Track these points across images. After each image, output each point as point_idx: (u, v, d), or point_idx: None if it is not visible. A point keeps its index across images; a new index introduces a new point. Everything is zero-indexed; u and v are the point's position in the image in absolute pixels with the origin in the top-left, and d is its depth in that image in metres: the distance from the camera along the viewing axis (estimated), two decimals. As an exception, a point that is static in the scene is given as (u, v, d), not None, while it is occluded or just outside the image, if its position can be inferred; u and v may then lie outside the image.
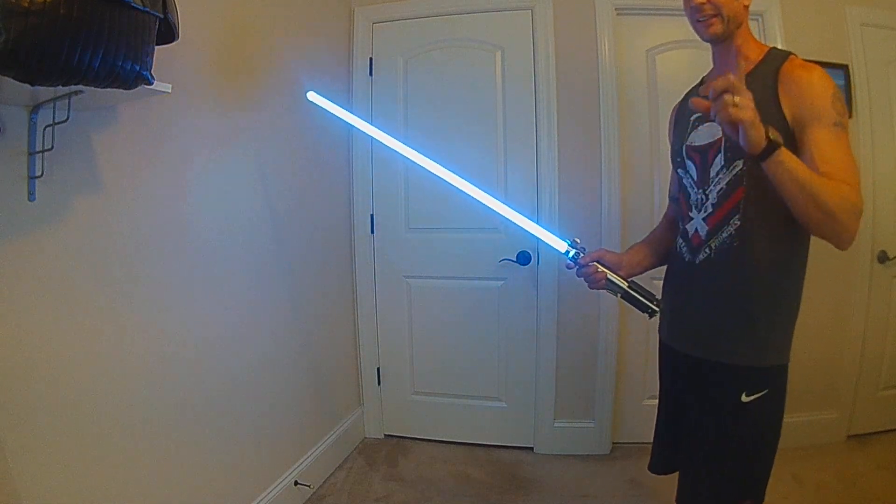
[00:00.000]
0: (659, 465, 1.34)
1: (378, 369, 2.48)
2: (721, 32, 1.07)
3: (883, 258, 2.22)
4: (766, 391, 1.06)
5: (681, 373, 1.22)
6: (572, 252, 1.21)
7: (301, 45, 2.01)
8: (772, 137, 0.87)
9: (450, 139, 2.29)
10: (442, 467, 2.24)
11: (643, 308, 1.18)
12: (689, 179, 1.16)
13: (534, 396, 2.34)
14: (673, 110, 1.32)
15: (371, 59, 2.36)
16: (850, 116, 2.13)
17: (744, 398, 1.05)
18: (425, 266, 2.38)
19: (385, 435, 2.51)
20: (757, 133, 0.86)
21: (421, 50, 2.33)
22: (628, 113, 2.21)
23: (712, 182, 1.09)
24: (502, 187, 2.28)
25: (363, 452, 2.37)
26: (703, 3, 1.06)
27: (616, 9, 2.18)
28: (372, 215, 2.41)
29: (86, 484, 1.14)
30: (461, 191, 1.30)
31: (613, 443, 2.32)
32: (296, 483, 1.88)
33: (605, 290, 1.21)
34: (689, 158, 1.16)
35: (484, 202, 1.29)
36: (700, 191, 1.12)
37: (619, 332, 2.26)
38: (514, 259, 2.24)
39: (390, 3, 2.33)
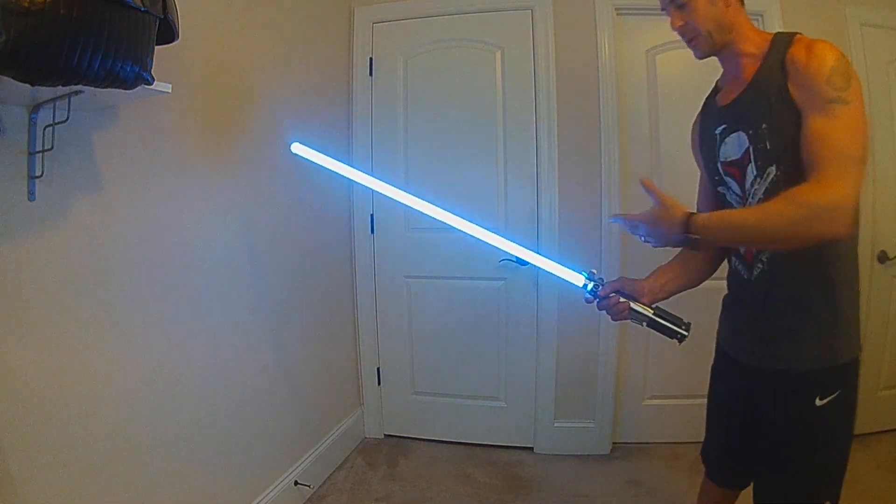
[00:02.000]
0: (718, 478, 1.30)
1: (378, 369, 2.48)
2: (709, 48, 1.06)
3: (883, 258, 2.22)
4: (838, 392, 1.03)
5: (750, 386, 1.16)
6: (591, 285, 1.14)
7: (301, 45, 2.01)
8: (691, 233, 0.93)
9: (450, 139, 2.29)
10: (442, 467, 2.24)
11: (671, 334, 1.11)
12: (733, 195, 1.12)
13: (534, 396, 2.34)
14: (694, 124, 1.27)
15: (371, 58, 2.36)
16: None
17: (818, 402, 1.02)
18: (425, 266, 2.38)
19: (385, 435, 2.51)
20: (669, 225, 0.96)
21: (421, 50, 2.33)
22: (628, 113, 2.21)
23: (749, 194, 1.06)
24: (502, 187, 2.27)
25: (363, 452, 2.37)
26: (681, 28, 1.06)
27: (616, 9, 2.18)
28: (372, 215, 2.41)
29: (86, 483, 1.14)
30: (469, 234, 1.23)
31: (613, 443, 2.32)
32: (296, 483, 1.88)
33: (629, 321, 1.13)
34: (728, 175, 1.11)
35: (492, 243, 1.22)
36: (744, 204, 1.09)
37: (620, 332, 2.26)
38: (514, 259, 2.24)
39: (390, 3, 2.33)
